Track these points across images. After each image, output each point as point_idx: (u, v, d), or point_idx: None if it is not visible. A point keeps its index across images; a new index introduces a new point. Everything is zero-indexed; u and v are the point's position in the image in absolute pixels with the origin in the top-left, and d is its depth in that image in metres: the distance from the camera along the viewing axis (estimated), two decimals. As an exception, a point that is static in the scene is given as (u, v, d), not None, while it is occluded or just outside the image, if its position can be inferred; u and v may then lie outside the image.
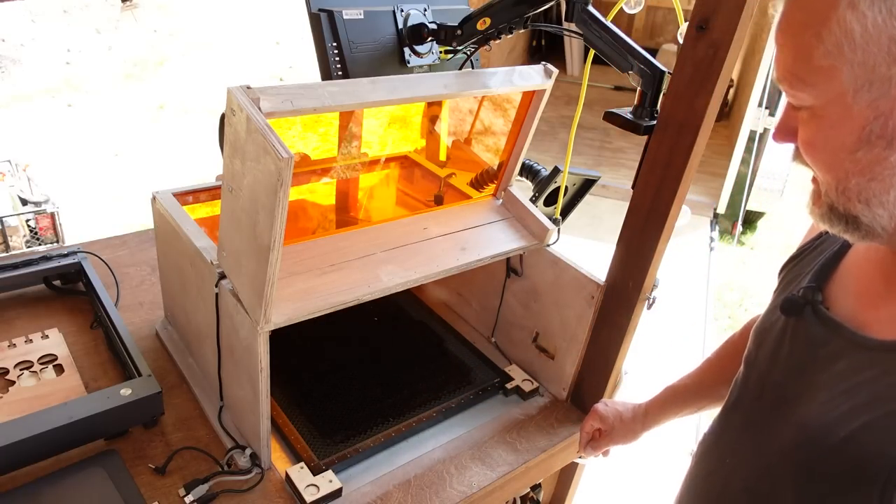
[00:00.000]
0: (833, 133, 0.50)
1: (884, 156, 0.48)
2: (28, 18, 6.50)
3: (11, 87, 5.96)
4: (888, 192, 0.50)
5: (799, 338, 0.65)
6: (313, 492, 1.05)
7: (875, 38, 0.45)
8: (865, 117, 0.48)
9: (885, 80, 0.46)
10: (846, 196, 0.52)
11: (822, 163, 0.53)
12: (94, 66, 6.43)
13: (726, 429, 0.75)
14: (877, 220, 0.52)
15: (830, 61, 0.48)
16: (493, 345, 1.49)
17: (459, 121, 1.44)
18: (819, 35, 0.48)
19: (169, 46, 6.92)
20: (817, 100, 0.50)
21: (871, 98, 0.47)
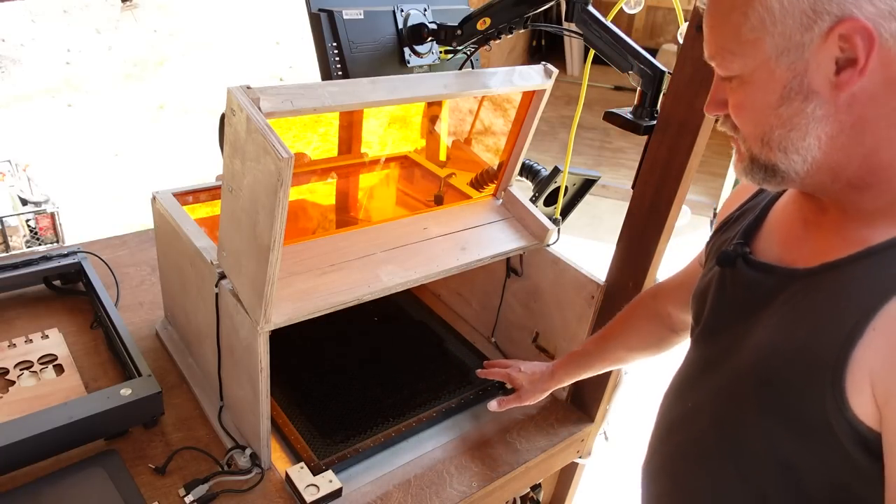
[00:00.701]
0: (760, 94, 0.61)
1: (801, 108, 0.59)
2: (28, 18, 6.49)
3: (11, 87, 5.96)
4: (804, 138, 0.60)
5: (738, 284, 0.74)
6: (313, 492, 1.05)
7: (790, 12, 0.56)
8: (786, 78, 0.58)
9: (799, 46, 0.57)
10: (769, 147, 0.62)
11: (750, 121, 0.63)
12: (94, 66, 6.43)
13: (685, 380, 0.82)
14: (792, 165, 0.62)
15: (756, 34, 0.58)
16: (493, 345, 1.49)
17: (459, 121, 1.44)
18: (745, 14, 0.58)
19: (169, 46, 6.92)
20: (746, 68, 0.61)
21: (789, 62, 0.58)
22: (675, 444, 0.81)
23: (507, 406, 1.18)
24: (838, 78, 0.56)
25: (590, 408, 1.33)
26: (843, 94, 0.57)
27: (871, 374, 0.56)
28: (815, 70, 0.57)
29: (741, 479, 0.71)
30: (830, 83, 0.57)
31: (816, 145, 0.60)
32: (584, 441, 1.35)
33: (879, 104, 0.57)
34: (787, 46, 0.57)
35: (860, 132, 0.58)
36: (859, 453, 0.58)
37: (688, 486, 0.79)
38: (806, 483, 0.64)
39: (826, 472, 0.62)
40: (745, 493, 0.71)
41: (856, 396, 0.57)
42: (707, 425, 0.75)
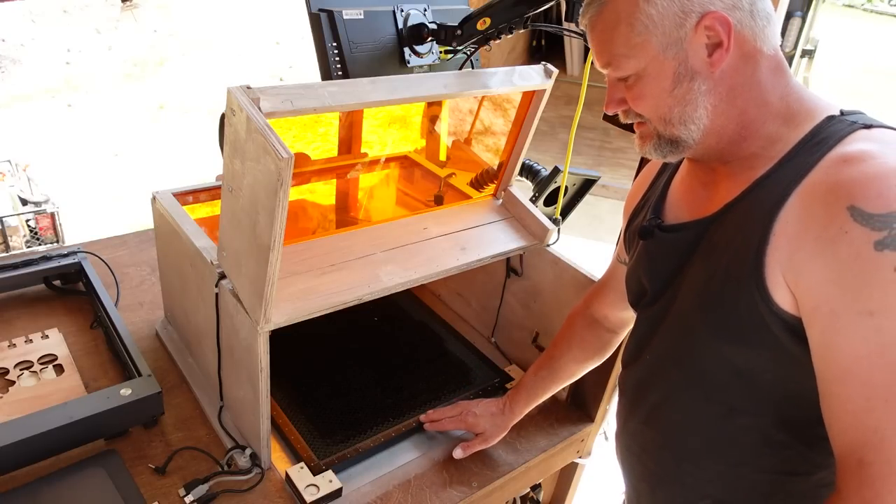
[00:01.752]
0: (656, 83, 0.74)
1: (691, 87, 0.73)
2: (28, 18, 6.49)
3: (11, 87, 5.96)
4: (696, 110, 0.74)
5: (660, 248, 0.86)
6: (313, 492, 1.05)
7: (665, 15, 0.71)
8: (673, 66, 0.73)
9: (678, 40, 0.71)
10: (671, 124, 0.76)
11: (652, 106, 0.76)
12: (94, 66, 6.43)
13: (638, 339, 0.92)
14: (690, 134, 0.76)
15: (643, 38, 0.72)
16: (493, 345, 1.49)
17: (459, 121, 1.44)
18: (631, 24, 0.73)
19: (169, 46, 6.92)
20: (639, 65, 0.74)
21: (673, 53, 0.72)
22: (647, 397, 0.91)
23: (472, 451, 1.18)
24: (711, 58, 0.72)
25: (590, 408, 1.33)
26: (717, 70, 0.72)
27: (782, 268, 0.69)
28: (693, 55, 0.72)
29: (707, 399, 0.82)
30: (706, 63, 0.72)
31: (705, 114, 0.74)
32: (584, 441, 1.35)
33: (740, 73, 0.73)
34: (668, 42, 0.72)
35: (733, 97, 0.74)
36: (791, 342, 0.70)
37: (667, 425, 0.89)
38: (760, 384, 0.76)
39: (772, 369, 0.74)
40: (714, 409, 0.81)
41: (776, 290, 0.69)
42: (668, 368, 0.86)
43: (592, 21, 0.77)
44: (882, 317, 0.61)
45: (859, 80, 8.81)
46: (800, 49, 3.67)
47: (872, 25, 12.61)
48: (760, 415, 0.78)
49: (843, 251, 0.63)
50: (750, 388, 0.77)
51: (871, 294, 0.62)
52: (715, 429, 0.82)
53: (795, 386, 0.72)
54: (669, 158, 0.81)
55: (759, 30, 0.72)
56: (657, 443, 0.91)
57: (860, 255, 0.62)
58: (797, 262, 0.67)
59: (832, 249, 0.64)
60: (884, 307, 0.61)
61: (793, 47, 3.62)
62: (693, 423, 0.85)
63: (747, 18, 0.71)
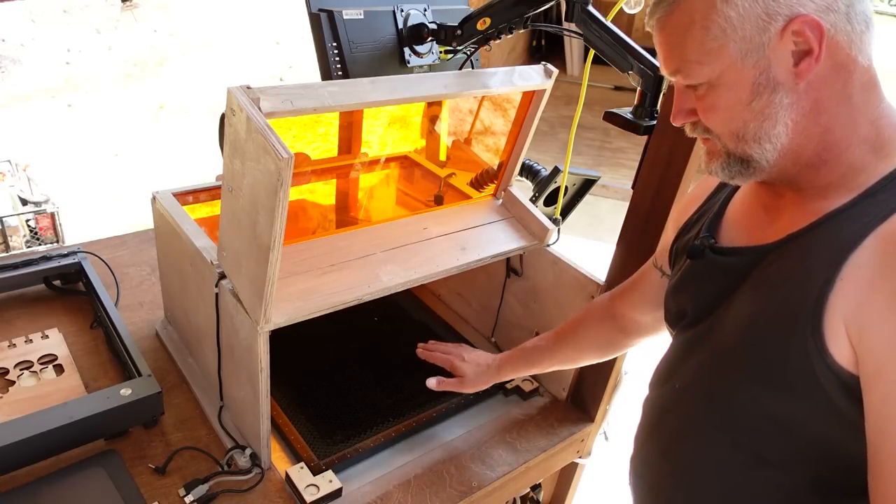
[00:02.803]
0: (732, 94, 0.66)
1: (771, 99, 0.65)
2: (28, 18, 6.49)
3: (11, 87, 5.96)
4: (775, 126, 0.66)
5: (711, 270, 0.79)
6: (313, 492, 1.05)
7: (747, 17, 0.62)
8: (753, 75, 0.65)
9: (760, 46, 0.63)
10: (744, 140, 0.68)
11: (723, 120, 0.69)
12: (94, 66, 6.42)
13: (671, 363, 0.86)
14: (765, 154, 0.68)
15: (719, 42, 0.64)
16: (493, 345, 1.49)
17: (459, 121, 1.44)
18: (706, 27, 0.64)
19: (169, 46, 6.91)
20: (713, 73, 0.66)
21: (754, 61, 0.64)
22: (669, 426, 0.84)
23: (444, 388, 1.19)
24: (797, 68, 0.63)
25: (590, 408, 1.33)
26: (803, 81, 0.64)
27: (845, 319, 0.61)
28: (777, 64, 0.64)
29: (735, 445, 0.74)
30: (791, 73, 0.64)
31: (784, 132, 0.66)
32: (584, 441, 1.35)
33: (830, 86, 0.64)
34: (749, 48, 0.64)
35: (817, 114, 0.65)
36: (842, 400, 0.62)
37: (686, 464, 0.82)
38: (799, 438, 0.68)
39: (814, 424, 0.66)
40: (740, 457, 0.74)
41: (834, 342, 0.62)
42: (696, 400, 0.79)
43: (661, 22, 0.68)
44: None
45: (859, 80, 8.78)
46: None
47: (872, 25, 12.59)
48: (793, 472, 0.70)
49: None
50: (786, 440, 0.70)
51: None
52: (738, 478, 0.75)
53: (839, 448, 0.65)
54: (737, 180, 0.73)
55: (857, 36, 0.63)
56: (672, 480, 0.84)
57: None
58: (865, 315, 0.60)
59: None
60: None
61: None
62: (714, 466, 0.78)
63: (843, 22, 0.62)
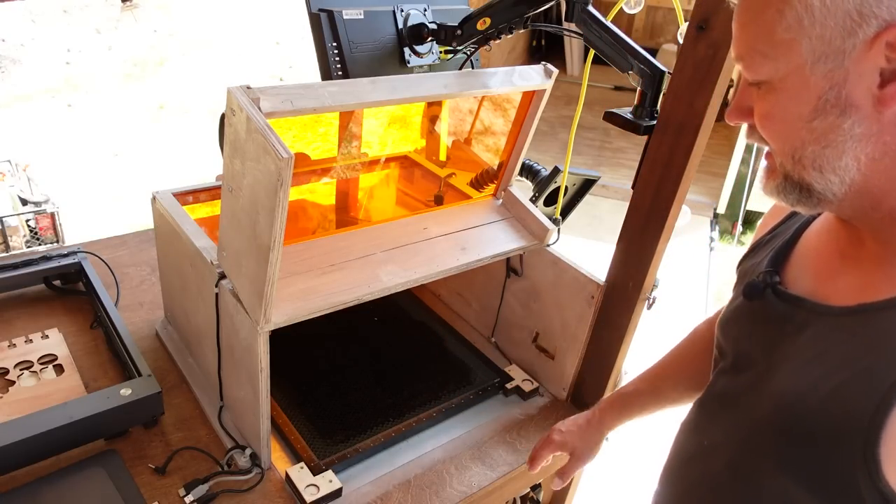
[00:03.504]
0: (791, 104, 0.54)
1: (837, 123, 0.52)
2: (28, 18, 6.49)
3: (11, 87, 5.96)
4: (841, 157, 0.53)
5: (764, 317, 0.67)
6: (313, 492, 1.05)
7: (832, 13, 0.49)
8: (821, 87, 0.52)
9: (839, 52, 0.50)
10: (801, 164, 0.55)
11: (779, 133, 0.56)
12: (94, 66, 6.42)
13: (703, 414, 0.76)
14: (829, 186, 0.55)
15: (791, 35, 0.52)
16: (493, 345, 1.49)
17: (459, 121, 1.44)
18: (781, 11, 0.52)
19: (169, 46, 6.91)
20: (777, 73, 0.54)
21: (826, 69, 0.51)
22: (689, 480, 0.76)
23: (570, 475, 1.04)
24: (882, 91, 0.50)
25: (590, 407, 1.33)
26: (889, 110, 0.50)
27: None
28: (855, 80, 0.50)
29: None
30: (873, 97, 0.50)
31: (855, 167, 0.53)
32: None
33: None
34: (825, 51, 0.51)
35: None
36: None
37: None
38: None
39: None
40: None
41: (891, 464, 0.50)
42: (722, 467, 0.69)
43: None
44: None
45: (859, 80, 8.79)
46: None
47: (872, 25, 12.60)
48: None
49: None
50: None
51: None
52: None
53: None
54: (800, 208, 0.60)
55: None
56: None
57: None
58: None
59: None
60: None
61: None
62: None
63: None
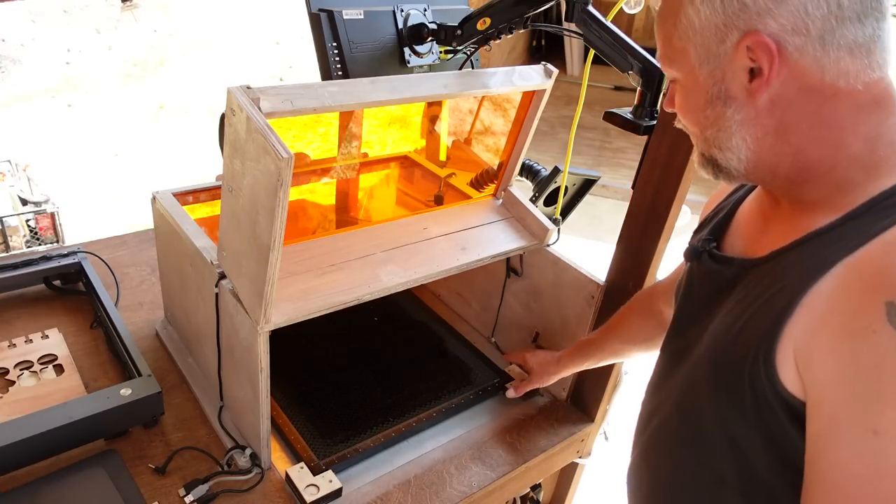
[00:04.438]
0: (691, 97, 0.67)
1: (723, 112, 0.64)
2: (28, 18, 6.49)
3: (11, 87, 5.96)
4: (731, 139, 0.65)
5: (702, 277, 0.78)
6: (313, 492, 1.05)
7: (707, 25, 0.61)
8: (708, 84, 0.64)
9: (716, 56, 0.62)
10: (707, 143, 0.68)
11: (689, 119, 0.69)
12: (94, 66, 6.42)
13: (658, 373, 0.86)
14: (730, 161, 0.67)
15: (683, 43, 0.64)
16: (493, 345, 1.49)
17: (459, 121, 1.44)
18: (675, 24, 0.64)
19: (169, 46, 6.91)
20: (679, 73, 0.67)
21: (709, 70, 0.63)
22: (649, 434, 0.84)
23: (522, 390, 1.29)
24: (751, 85, 0.61)
25: (590, 408, 1.33)
26: (758, 99, 0.62)
27: (795, 345, 0.59)
28: (731, 78, 0.62)
29: (700, 464, 0.74)
30: (745, 89, 0.62)
31: (744, 145, 0.65)
32: (584, 441, 1.35)
33: (797, 109, 0.61)
34: (706, 56, 0.63)
35: (784, 134, 0.63)
36: (793, 428, 0.61)
37: (662, 473, 0.82)
38: (754, 464, 0.67)
39: (772, 451, 0.64)
40: (705, 479, 0.73)
41: (784, 369, 0.60)
42: (672, 413, 0.79)
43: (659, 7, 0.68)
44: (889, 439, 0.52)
45: (859, 80, 8.78)
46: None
47: (872, 25, 12.59)
48: (752, 496, 0.68)
49: (864, 352, 0.53)
50: (743, 464, 0.68)
51: (881, 411, 0.52)
52: (705, 496, 0.74)
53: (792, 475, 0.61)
54: (720, 179, 0.71)
55: (831, 62, 0.58)
56: (649, 485, 0.84)
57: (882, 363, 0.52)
58: (814, 345, 0.58)
59: (852, 346, 0.54)
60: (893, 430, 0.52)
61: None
62: (683, 481, 0.78)
63: (812, 46, 0.58)
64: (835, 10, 0.57)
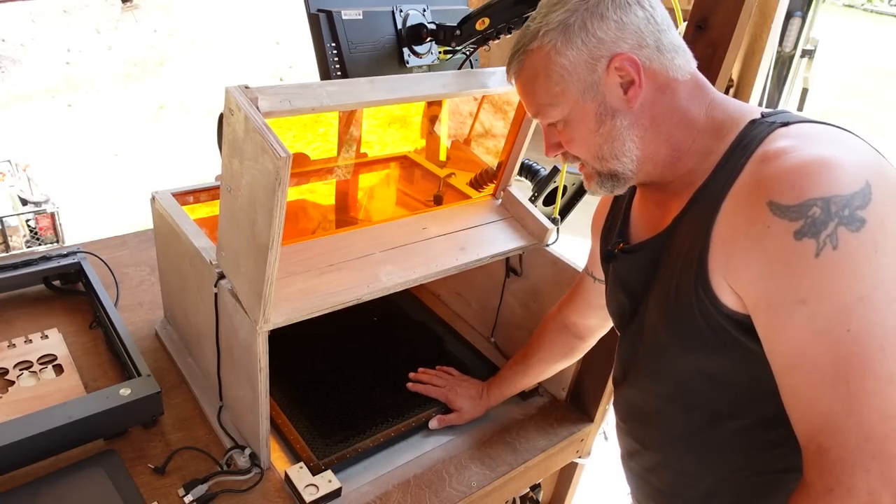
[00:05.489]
0: (582, 125, 0.80)
1: (612, 124, 0.78)
2: (28, 18, 6.50)
3: (11, 87, 5.96)
4: (624, 143, 0.79)
5: (626, 269, 0.90)
6: (313, 492, 1.05)
7: (577, 63, 0.76)
8: (594, 107, 0.78)
9: (593, 84, 0.77)
10: (604, 160, 0.81)
11: (583, 147, 0.82)
12: (94, 66, 6.43)
13: (621, 357, 0.97)
14: (627, 166, 0.81)
15: (561, 86, 0.78)
16: (492, 345, 1.49)
17: (459, 121, 1.44)
18: (548, 76, 0.78)
19: (169, 46, 6.92)
20: (564, 112, 0.80)
21: (591, 96, 0.78)
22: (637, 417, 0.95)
23: (445, 424, 1.25)
24: (627, 95, 0.76)
25: (589, 408, 1.33)
26: (635, 105, 0.77)
27: (721, 271, 0.72)
28: (610, 95, 0.77)
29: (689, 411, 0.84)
30: (623, 100, 0.77)
31: (634, 146, 0.79)
32: (584, 441, 1.35)
33: (659, 104, 0.78)
34: (585, 87, 0.77)
35: (657, 125, 0.78)
36: (750, 341, 0.72)
37: (658, 441, 0.92)
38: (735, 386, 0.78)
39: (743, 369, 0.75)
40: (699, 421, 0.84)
41: (722, 293, 0.72)
42: (646, 383, 0.90)
43: (516, 76, 0.83)
44: (813, 303, 0.63)
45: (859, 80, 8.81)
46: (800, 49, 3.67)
47: (872, 25, 12.62)
48: (743, 417, 0.79)
49: (769, 246, 0.66)
50: (726, 391, 0.79)
51: (799, 283, 0.64)
52: (703, 439, 0.84)
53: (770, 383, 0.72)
54: (617, 191, 0.85)
55: (669, 62, 0.76)
56: (655, 461, 0.93)
57: (784, 247, 0.65)
58: (733, 263, 0.70)
59: (760, 246, 0.67)
60: (813, 294, 0.63)
61: (793, 47, 3.62)
62: (682, 436, 0.87)
63: (654, 54, 0.76)
64: (657, 25, 0.76)
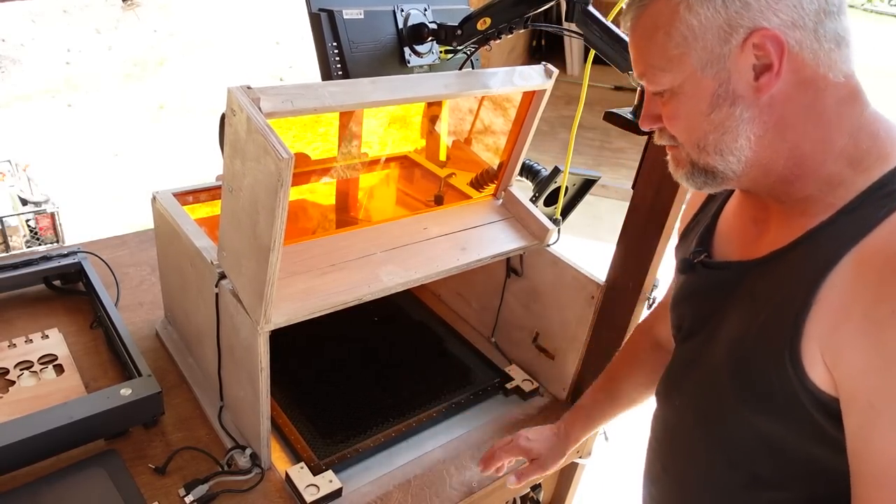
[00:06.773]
0: (691, 103, 0.66)
1: (730, 112, 0.64)
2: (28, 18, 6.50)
3: (11, 87, 5.96)
4: (736, 140, 0.65)
5: (703, 286, 0.79)
6: (313, 492, 1.05)
7: (709, 28, 0.62)
8: (712, 87, 0.64)
9: (720, 57, 0.63)
10: (706, 151, 0.67)
11: (685, 129, 0.68)
12: (94, 66, 6.43)
13: (670, 381, 0.86)
14: (729, 166, 0.67)
15: (681, 50, 0.64)
16: (493, 345, 1.49)
17: (459, 121, 1.44)
18: (669, 33, 0.64)
19: (169, 46, 6.92)
20: (675, 81, 0.66)
21: (713, 72, 0.63)
22: (670, 443, 0.85)
23: (527, 478, 1.09)
24: (758, 82, 0.62)
25: (590, 408, 1.33)
26: (764, 96, 0.63)
27: (820, 343, 0.60)
28: (737, 77, 0.63)
29: (731, 465, 0.74)
30: (752, 87, 0.63)
31: (747, 145, 0.65)
32: (585, 441, 1.35)
33: (794, 103, 0.63)
34: (709, 59, 0.63)
35: (782, 129, 0.64)
36: (826, 421, 0.62)
37: (687, 481, 0.82)
38: (791, 458, 0.68)
39: (805, 445, 0.66)
40: (737, 477, 0.74)
41: (812, 367, 0.61)
42: (693, 422, 0.80)
43: (632, 24, 0.69)
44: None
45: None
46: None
47: (872, 25, 12.63)
48: (788, 489, 0.70)
49: (891, 338, 0.55)
50: (778, 459, 0.70)
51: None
52: (737, 497, 0.75)
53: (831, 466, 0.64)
54: (707, 190, 0.72)
55: (825, 53, 0.61)
56: (674, 496, 0.85)
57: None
58: (838, 339, 0.59)
59: (879, 333, 0.55)
60: None
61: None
62: (713, 485, 0.78)
63: (810, 39, 0.61)
64: (823, 4, 0.60)
